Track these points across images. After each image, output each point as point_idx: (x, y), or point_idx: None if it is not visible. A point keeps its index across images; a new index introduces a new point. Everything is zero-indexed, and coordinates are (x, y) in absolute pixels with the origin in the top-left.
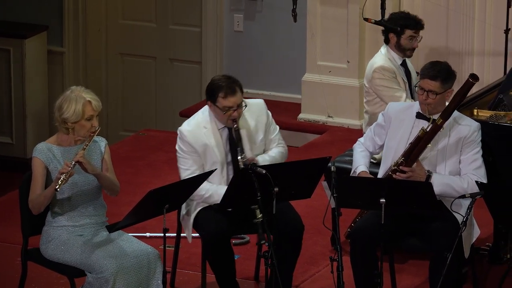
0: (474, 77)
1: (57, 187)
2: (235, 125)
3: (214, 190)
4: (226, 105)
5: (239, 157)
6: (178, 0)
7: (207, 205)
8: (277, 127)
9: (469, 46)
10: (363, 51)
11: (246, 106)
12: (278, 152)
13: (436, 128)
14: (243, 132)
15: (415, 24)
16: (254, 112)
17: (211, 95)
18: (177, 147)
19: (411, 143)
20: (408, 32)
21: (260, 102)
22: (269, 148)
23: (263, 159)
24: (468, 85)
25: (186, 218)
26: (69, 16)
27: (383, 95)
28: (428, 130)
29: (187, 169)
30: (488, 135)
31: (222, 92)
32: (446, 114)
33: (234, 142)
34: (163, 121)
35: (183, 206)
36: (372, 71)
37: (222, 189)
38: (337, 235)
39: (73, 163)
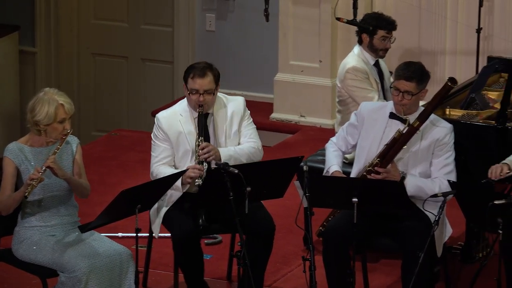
0: (452, 81)
1: (26, 194)
2: (199, 110)
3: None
4: (192, 87)
5: (197, 141)
6: (150, 0)
7: (176, 199)
8: (254, 125)
9: (441, 46)
10: (335, 51)
11: (214, 95)
12: (248, 146)
13: (413, 130)
14: (214, 122)
15: (388, 24)
16: (232, 106)
17: (184, 76)
18: (152, 134)
19: (386, 144)
20: (381, 33)
21: (240, 98)
22: (240, 141)
23: (227, 150)
24: (446, 88)
25: (155, 214)
26: (40, 16)
27: (356, 95)
28: (404, 132)
29: (156, 156)
30: (460, 134)
31: (192, 73)
32: (423, 117)
33: (197, 130)
34: (135, 121)
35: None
36: (344, 71)
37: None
38: (309, 235)
39: (43, 168)
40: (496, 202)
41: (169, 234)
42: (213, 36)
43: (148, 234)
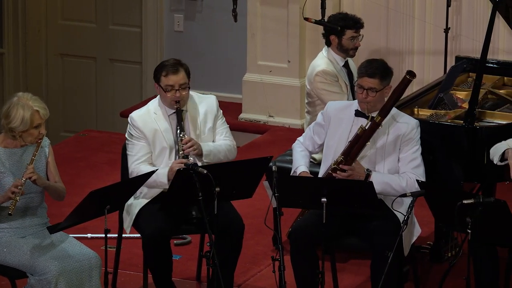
0: (411, 74)
1: (10, 212)
2: (176, 106)
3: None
4: (167, 83)
5: (179, 137)
6: (118, 0)
7: (147, 201)
8: (227, 124)
9: (409, 45)
10: (303, 51)
11: (189, 88)
12: (225, 144)
13: (375, 125)
14: (189, 119)
15: (355, 23)
16: (205, 103)
17: (156, 75)
18: (126, 134)
19: (350, 141)
20: (349, 33)
21: (212, 96)
22: (215, 139)
23: (207, 145)
24: (405, 82)
25: (128, 210)
26: (8, 17)
27: (325, 99)
28: (367, 128)
29: (134, 155)
30: (429, 134)
31: (164, 70)
32: (384, 112)
33: (177, 125)
34: (104, 122)
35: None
36: (314, 74)
37: (160, 169)
38: (278, 235)
39: (23, 180)
40: (464, 201)
41: (139, 235)
42: (181, 36)
43: (117, 235)
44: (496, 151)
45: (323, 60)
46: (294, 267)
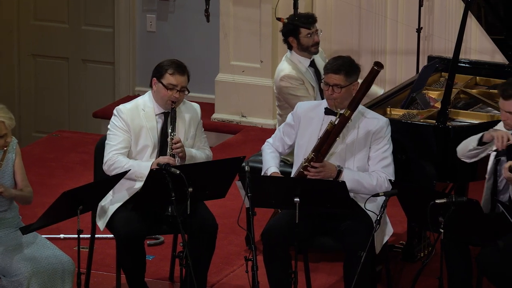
0: (378, 65)
1: None
2: (173, 106)
3: (137, 164)
4: (171, 82)
5: (169, 136)
6: (90, 0)
7: (123, 202)
8: (205, 134)
9: (381, 45)
10: (276, 51)
11: (189, 92)
12: (204, 153)
13: (344, 120)
14: (179, 121)
15: (306, 20)
16: (191, 110)
17: (159, 71)
18: (109, 125)
19: (320, 137)
20: (304, 31)
21: (196, 104)
22: (195, 147)
23: (190, 151)
24: (373, 73)
25: (102, 209)
26: None
27: (293, 103)
28: (336, 123)
29: (114, 145)
30: (401, 134)
31: (171, 69)
32: (353, 105)
33: (168, 124)
34: (76, 122)
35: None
36: (279, 79)
37: (144, 163)
38: (251, 235)
39: None
40: (437, 201)
41: (112, 235)
42: (154, 36)
43: (90, 236)
44: (468, 142)
45: (287, 64)
46: (267, 267)
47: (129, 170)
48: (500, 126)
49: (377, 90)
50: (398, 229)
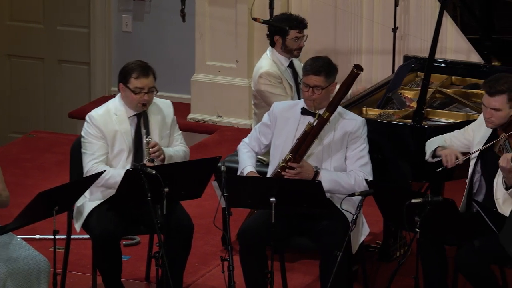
0: (358, 68)
1: None
2: (144, 109)
3: (116, 171)
4: (137, 85)
5: (144, 140)
6: (66, 1)
7: (99, 203)
8: (180, 130)
9: (357, 45)
10: (252, 51)
11: (157, 91)
12: (181, 150)
13: (323, 121)
14: (153, 122)
15: (299, 24)
16: (163, 108)
17: (124, 76)
18: (83, 133)
19: (298, 138)
20: (293, 33)
21: (168, 101)
22: (171, 145)
23: (168, 150)
24: (352, 76)
25: (78, 210)
26: None
27: (269, 101)
28: (314, 124)
29: (92, 154)
30: (377, 133)
31: (135, 73)
32: (332, 107)
33: (142, 129)
34: (52, 123)
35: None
36: (258, 76)
37: (123, 171)
38: (227, 235)
39: None
40: (413, 200)
41: (88, 236)
42: (129, 37)
43: (66, 236)
44: (430, 146)
45: (267, 61)
46: (243, 267)
47: (105, 170)
48: (480, 121)
49: None
50: (374, 229)
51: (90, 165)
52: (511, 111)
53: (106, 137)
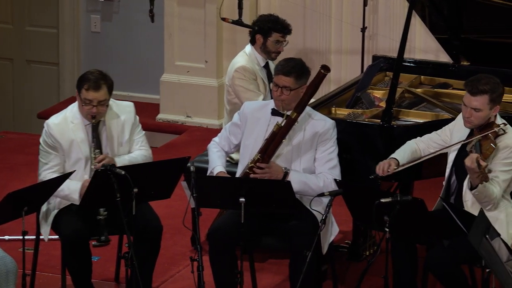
0: (325, 68)
1: None
2: (93, 121)
3: (65, 184)
4: (86, 97)
5: (92, 154)
6: (34, 1)
7: (67, 204)
8: (143, 132)
9: (326, 45)
10: (220, 51)
11: (107, 106)
12: (140, 155)
13: (291, 122)
14: (107, 131)
15: (283, 28)
16: (123, 112)
17: (78, 84)
18: (40, 140)
19: (266, 139)
20: (276, 36)
21: (129, 103)
22: (132, 149)
23: (122, 159)
24: (320, 76)
25: (44, 217)
26: None
27: (241, 96)
28: (282, 125)
29: (46, 163)
30: (346, 133)
31: (86, 84)
32: (299, 108)
33: (92, 142)
34: (21, 123)
35: (44, 205)
36: (233, 70)
37: (73, 183)
38: (197, 235)
39: None
40: (382, 200)
41: (57, 236)
42: (98, 37)
43: (35, 237)
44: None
45: (244, 57)
46: (213, 267)
47: (74, 170)
48: (457, 122)
49: None
50: (343, 228)
51: (43, 175)
52: (491, 112)
53: (62, 147)
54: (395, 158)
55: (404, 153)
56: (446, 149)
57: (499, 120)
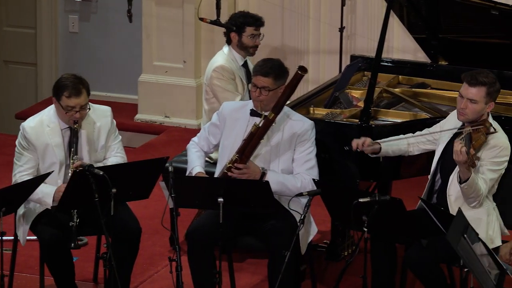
0: (302, 69)
1: None
2: (75, 126)
3: (39, 188)
4: (68, 104)
5: (70, 160)
6: (12, 1)
7: (44, 208)
8: (120, 136)
9: (304, 45)
10: (199, 51)
11: (90, 109)
12: (116, 161)
13: (268, 122)
14: (84, 136)
15: (255, 21)
16: (100, 118)
17: (56, 92)
18: (16, 142)
19: (244, 139)
20: (249, 30)
21: (107, 108)
22: (107, 155)
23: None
24: (297, 77)
25: (22, 221)
26: None
27: (219, 96)
28: (260, 125)
29: (20, 166)
30: (324, 133)
31: (67, 91)
32: (277, 108)
33: (71, 147)
34: None
35: (21, 208)
36: (212, 70)
37: (46, 187)
38: (175, 235)
39: None
40: (360, 200)
41: (35, 237)
42: (76, 37)
43: (13, 238)
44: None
45: (223, 57)
46: (191, 267)
47: (53, 171)
48: (449, 119)
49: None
50: (322, 228)
51: (17, 177)
52: (485, 108)
53: (37, 150)
54: (377, 142)
55: (390, 141)
56: (437, 134)
57: (491, 121)
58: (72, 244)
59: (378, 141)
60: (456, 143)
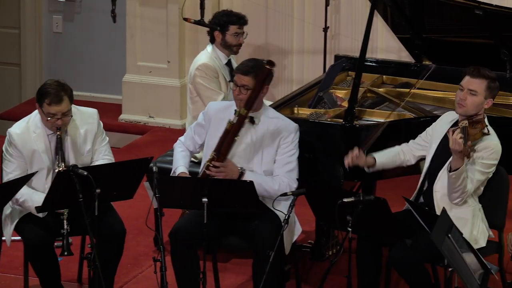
0: (270, 63)
1: None
2: (58, 133)
3: (29, 195)
4: (50, 112)
5: (56, 167)
6: None
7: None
8: (107, 138)
9: (288, 45)
10: (183, 51)
11: (72, 116)
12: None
13: (241, 118)
14: (70, 141)
15: (239, 19)
16: (85, 121)
17: (39, 99)
18: (3, 148)
19: (220, 137)
20: (233, 28)
21: (93, 111)
22: (94, 158)
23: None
24: (266, 72)
25: (7, 221)
26: None
27: (202, 94)
28: (234, 122)
29: (9, 173)
30: (308, 133)
31: (48, 99)
32: (249, 104)
33: (56, 154)
34: None
35: (6, 208)
36: (195, 68)
37: (37, 195)
38: (159, 235)
39: None
40: (345, 200)
41: (19, 238)
42: (60, 37)
43: None
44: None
45: (207, 55)
46: (175, 267)
47: (36, 172)
48: (441, 119)
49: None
50: (306, 228)
51: None
52: (483, 104)
53: (24, 156)
54: (372, 157)
55: (384, 152)
56: (429, 136)
57: (487, 122)
58: (66, 252)
59: (373, 154)
60: (455, 132)
